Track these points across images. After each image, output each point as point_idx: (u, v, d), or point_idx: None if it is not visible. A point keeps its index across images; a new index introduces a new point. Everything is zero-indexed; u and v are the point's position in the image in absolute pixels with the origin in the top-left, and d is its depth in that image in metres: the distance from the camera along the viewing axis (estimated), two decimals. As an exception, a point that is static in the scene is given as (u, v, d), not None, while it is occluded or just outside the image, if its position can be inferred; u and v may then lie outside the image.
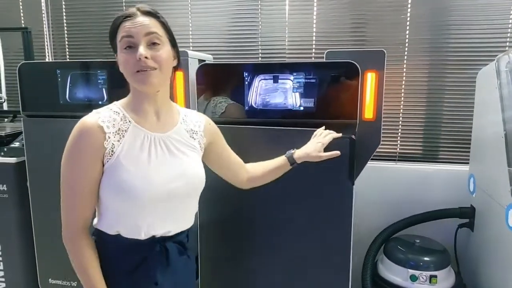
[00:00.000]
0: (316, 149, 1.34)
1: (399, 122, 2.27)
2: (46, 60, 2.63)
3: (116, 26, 0.99)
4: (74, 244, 1.01)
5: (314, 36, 2.29)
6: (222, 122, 1.39)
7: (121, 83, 1.04)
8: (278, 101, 1.52)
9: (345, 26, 2.25)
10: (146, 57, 0.96)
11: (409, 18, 2.17)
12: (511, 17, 2.06)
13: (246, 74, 1.53)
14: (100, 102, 1.75)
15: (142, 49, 0.96)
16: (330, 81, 1.47)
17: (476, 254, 1.87)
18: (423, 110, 2.24)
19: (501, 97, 1.56)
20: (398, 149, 2.30)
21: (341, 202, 1.45)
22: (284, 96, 1.51)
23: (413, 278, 1.75)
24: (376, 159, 2.25)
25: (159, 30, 1.00)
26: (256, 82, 1.53)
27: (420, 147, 2.28)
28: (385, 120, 1.97)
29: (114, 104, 1.06)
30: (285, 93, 1.51)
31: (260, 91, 1.53)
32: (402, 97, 2.24)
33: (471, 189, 1.95)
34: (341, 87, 1.45)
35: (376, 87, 1.50)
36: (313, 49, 2.31)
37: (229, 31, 2.40)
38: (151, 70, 0.98)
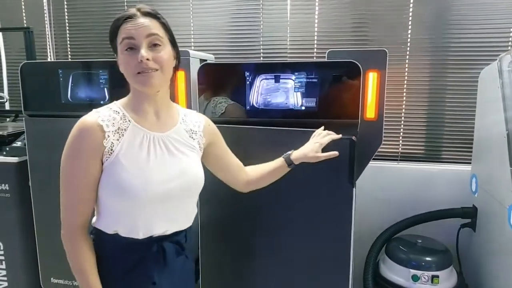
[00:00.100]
0: (314, 149, 1.32)
1: (401, 122, 2.26)
2: (48, 60, 2.64)
3: (117, 27, 0.99)
4: (72, 243, 1.01)
5: (316, 36, 2.29)
6: (222, 122, 1.39)
7: (123, 83, 1.05)
8: (280, 101, 1.52)
9: (347, 26, 2.25)
10: (148, 59, 0.96)
11: (411, 18, 2.16)
12: (514, 17, 2.05)
13: (248, 74, 1.52)
14: (102, 102, 1.75)
15: (144, 51, 0.96)
16: (332, 81, 1.47)
17: (478, 254, 1.87)
18: (425, 110, 2.23)
19: (504, 97, 1.56)
20: (400, 149, 2.29)
21: (342, 203, 1.45)
22: (286, 96, 1.51)
23: (415, 278, 1.74)
24: (378, 159, 2.25)
25: (160, 31, 1.00)
26: (258, 82, 1.52)
27: (422, 147, 2.28)
28: (387, 120, 1.96)
29: (114, 104, 1.06)
30: (287, 93, 1.50)
31: (262, 91, 1.53)
32: (404, 97, 2.24)
33: (473, 189, 1.94)
34: (343, 87, 1.45)
35: (378, 87, 1.50)
36: (315, 49, 2.31)
37: (231, 31, 2.40)
38: (153, 72, 0.98)
